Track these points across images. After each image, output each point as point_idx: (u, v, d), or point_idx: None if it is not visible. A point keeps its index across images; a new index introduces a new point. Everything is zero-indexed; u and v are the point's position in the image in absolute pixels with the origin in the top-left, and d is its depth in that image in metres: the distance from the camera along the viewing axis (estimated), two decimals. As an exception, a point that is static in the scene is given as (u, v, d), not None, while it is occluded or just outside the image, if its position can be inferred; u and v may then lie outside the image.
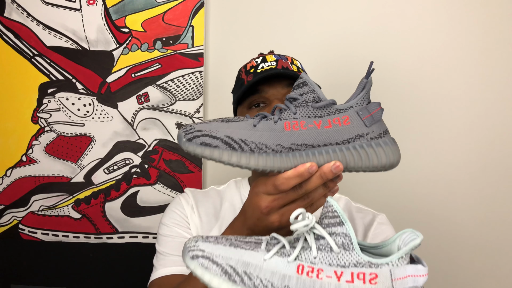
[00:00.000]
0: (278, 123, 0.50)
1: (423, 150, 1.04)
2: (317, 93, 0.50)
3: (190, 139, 0.48)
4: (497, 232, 1.03)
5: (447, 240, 1.05)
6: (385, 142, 0.50)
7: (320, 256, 0.42)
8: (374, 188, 1.06)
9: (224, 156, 0.47)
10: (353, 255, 0.42)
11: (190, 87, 1.07)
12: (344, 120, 0.49)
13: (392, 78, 1.04)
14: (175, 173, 1.09)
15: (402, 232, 0.43)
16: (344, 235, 0.42)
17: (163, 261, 0.72)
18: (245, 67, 0.74)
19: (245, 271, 0.43)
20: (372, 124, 0.50)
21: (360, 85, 0.51)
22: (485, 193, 1.03)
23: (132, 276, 1.11)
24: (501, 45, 1.01)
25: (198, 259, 0.44)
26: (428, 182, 1.05)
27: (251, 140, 0.48)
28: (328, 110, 0.49)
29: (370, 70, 0.51)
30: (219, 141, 0.48)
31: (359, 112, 0.50)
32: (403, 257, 0.41)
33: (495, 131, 1.02)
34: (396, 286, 0.40)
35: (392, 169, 0.51)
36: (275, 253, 0.44)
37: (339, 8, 1.05)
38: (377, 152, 0.49)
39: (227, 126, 0.49)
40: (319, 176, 0.48)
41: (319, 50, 1.05)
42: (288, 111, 0.50)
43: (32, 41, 1.08)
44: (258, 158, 0.48)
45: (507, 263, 1.03)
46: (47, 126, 1.10)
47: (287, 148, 0.48)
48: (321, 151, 0.49)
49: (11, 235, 1.12)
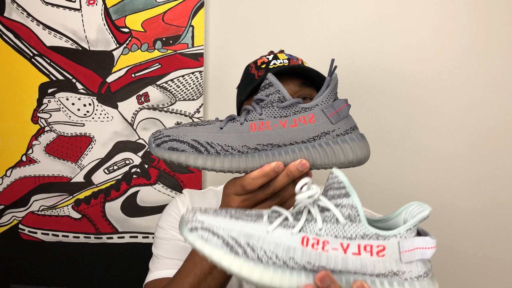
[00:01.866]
0: (244, 124, 0.50)
1: (423, 150, 1.04)
2: (282, 93, 0.50)
3: (159, 145, 0.49)
4: (498, 232, 1.03)
5: (447, 240, 1.05)
6: (352, 138, 0.50)
7: (326, 228, 0.41)
8: (373, 189, 1.06)
9: (190, 160, 0.49)
10: (359, 227, 0.40)
11: (190, 87, 1.07)
12: (309, 119, 0.50)
13: (393, 78, 1.04)
14: (175, 173, 1.09)
15: (408, 204, 0.42)
16: (351, 206, 0.41)
17: (157, 264, 0.72)
18: (255, 63, 0.74)
19: (248, 242, 0.41)
20: (338, 121, 0.50)
21: (325, 83, 0.51)
22: (486, 193, 1.03)
23: (132, 276, 1.11)
24: (502, 45, 1.01)
25: (197, 231, 0.42)
26: (428, 183, 1.05)
27: (217, 142, 0.49)
28: (294, 109, 0.50)
29: (332, 68, 0.51)
30: (186, 145, 0.49)
31: (324, 110, 0.50)
32: (411, 229, 0.40)
33: (496, 131, 1.02)
34: (404, 259, 0.40)
35: (361, 165, 0.51)
36: (279, 224, 0.42)
37: (340, 8, 1.05)
38: (343, 148, 0.49)
39: (194, 130, 0.50)
40: (286, 174, 0.48)
41: (319, 50, 1.05)
42: (254, 112, 0.51)
43: (32, 41, 1.08)
44: (224, 160, 0.48)
45: (508, 262, 1.03)
46: (47, 126, 1.10)
47: (253, 148, 0.49)
48: (287, 150, 0.49)
49: (11, 235, 1.12)
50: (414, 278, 0.40)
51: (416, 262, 0.40)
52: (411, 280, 0.40)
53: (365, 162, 0.51)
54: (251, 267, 0.40)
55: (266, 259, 0.40)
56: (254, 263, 0.40)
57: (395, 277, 0.40)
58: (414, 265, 0.40)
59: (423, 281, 0.40)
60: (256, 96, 0.52)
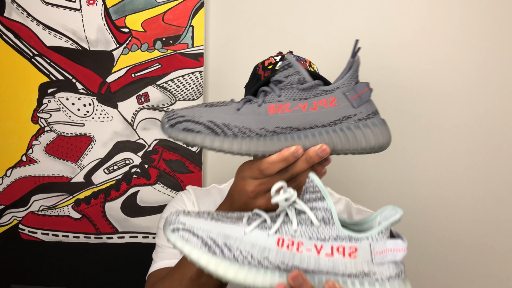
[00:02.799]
0: (262, 106, 0.48)
1: (423, 150, 1.04)
2: (303, 74, 0.48)
3: (173, 125, 0.47)
4: (499, 232, 1.03)
5: (448, 240, 1.05)
6: (374, 123, 0.48)
7: (301, 229, 0.43)
8: (374, 189, 1.06)
9: (206, 141, 0.47)
10: (333, 229, 0.42)
11: (190, 87, 1.07)
12: (330, 102, 0.48)
13: (393, 78, 1.04)
14: (175, 173, 1.09)
15: (383, 209, 0.44)
16: (325, 209, 0.42)
17: (161, 254, 0.73)
18: (263, 63, 0.74)
19: (226, 243, 0.43)
20: (360, 105, 0.48)
21: (347, 65, 0.49)
22: (487, 193, 1.03)
23: (132, 276, 1.11)
24: (502, 45, 1.01)
25: (178, 232, 0.44)
26: (429, 183, 1.05)
27: (234, 124, 0.47)
28: (314, 92, 0.48)
29: (355, 49, 0.49)
30: (202, 126, 0.47)
31: (346, 93, 0.48)
32: (383, 231, 0.41)
33: (496, 131, 1.02)
34: (375, 260, 0.41)
35: (381, 151, 0.49)
36: (256, 226, 0.44)
37: (340, 8, 1.05)
38: (365, 133, 0.48)
39: (210, 111, 0.48)
40: (305, 160, 0.47)
41: (319, 50, 1.05)
42: (272, 93, 0.49)
43: (32, 41, 1.08)
44: (241, 142, 0.47)
45: (508, 262, 1.03)
46: (47, 126, 1.10)
47: (271, 131, 0.47)
48: (306, 134, 0.47)
49: (11, 235, 1.12)
50: (385, 279, 0.41)
51: (388, 264, 0.41)
52: (382, 281, 0.41)
53: (386, 148, 0.49)
54: (226, 266, 0.42)
55: (241, 259, 0.42)
56: (230, 262, 0.42)
57: (366, 277, 0.41)
58: (385, 267, 0.41)
59: (393, 282, 0.41)
60: (274, 77, 0.50)
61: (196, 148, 1.08)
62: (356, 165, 1.06)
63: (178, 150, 1.09)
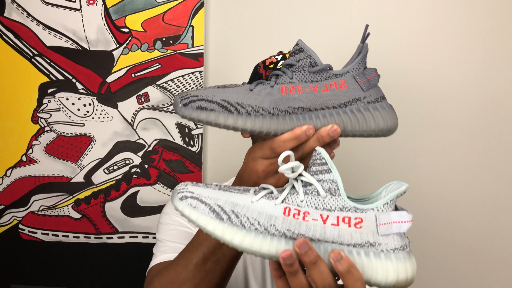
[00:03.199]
0: (275, 87, 0.50)
1: (424, 150, 1.04)
2: (314, 58, 0.50)
3: (186, 104, 0.48)
4: (500, 232, 1.03)
5: (449, 241, 1.05)
6: (382, 107, 0.50)
7: (307, 199, 0.43)
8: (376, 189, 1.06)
9: (220, 119, 0.47)
10: (339, 200, 0.42)
11: (190, 87, 1.07)
12: (340, 84, 0.49)
13: (393, 78, 1.04)
14: (175, 173, 1.09)
15: (388, 184, 0.45)
16: (331, 181, 0.43)
17: (162, 248, 0.73)
18: (264, 62, 0.74)
19: (233, 210, 0.44)
20: (369, 89, 0.50)
21: (357, 50, 0.51)
22: (488, 193, 1.03)
23: (132, 276, 1.11)
24: (503, 44, 1.01)
25: (187, 200, 0.45)
26: (430, 183, 1.05)
27: (247, 103, 0.48)
28: (325, 75, 0.50)
29: (365, 35, 0.50)
30: (215, 105, 0.48)
31: (355, 77, 0.49)
32: (388, 203, 0.42)
33: (497, 132, 1.02)
34: (380, 231, 0.41)
35: (390, 135, 0.51)
36: (263, 196, 0.45)
37: (340, 8, 1.05)
38: (374, 115, 0.49)
39: (223, 91, 0.49)
40: (316, 139, 0.48)
41: (319, 50, 1.05)
42: (284, 76, 0.50)
43: (32, 41, 1.08)
44: (255, 120, 0.48)
45: (508, 261, 1.03)
46: (47, 126, 1.10)
47: (283, 111, 0.49)
48: (318, 114, 0.49)
49: (11, 235, 1.12)
50: (390, 250, 0.41)
51: (393, 236, 0.42)
52: (387, 252, 0.41)
53: (393, 132, 0.51)
54: (234, 231, 0.43)
55: (248, 225, 0.43)
56: (237, 228, 0.43)
57: (371, 247, 0.42)
58: (390, 238, 0.42)
59: (399, 254, 0.42)
60: (286, 61, 0.51)
61: (196, 148, 1.08)
62: (357, 165, 1.07)
63: (178, 150, 1.09)
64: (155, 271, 0.69)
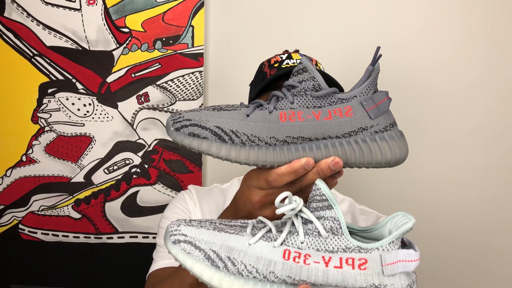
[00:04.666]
0: (273, 113, 0.46)
1: (425, 151, 1.04)
2: (318, 80, 0.45)
3: (178, 129, 0.45)
4: (501, 232, 1.03)
5: (450, 241, 1.05)
6: (391, 136, 0.46)
7: (308, 241, 0.41)
8: (378, 190, 1.06)
9: (212, 149, 0.44)
10: (342, 239, 0.40)
11: (190, 87, 1.07)
12: (346, 111, 0.45)
13: (393, 78, 1.04)
14: (175, 173, 1.09)
15: (393, 215, 0.42)
16: (333, 219, 0.40)
17: (162, 254, 0.73)
18: (269, 61, 0.73)
19: (229, 256, 0.41)
20: (378, 116, 0.45)
21: (366, 72, 0.46)
22: (489, 193, 1.03)
23: (132, 276, 1.11)
24: (504, 44, 1.01)
25: (180, 244, 0.42)
26: (431, 183, 1.05)
27: (242, 131, 0.45)
28: (329, 100, 0.45)
29: (376, 57, 0.46)
30: (208, 132, 0.45)
31: (363, 103, 0.45)
32: (394, 241, 0.39)
33: (498, 132, 1.02)
34: (386, 272, 0.39)
35: (397, 165, 0.47)
36: (261, 237, 0.42)
37: (340, 8, 1.05)
38: (381, 146, 0.45)
39: (218, 115, 0.46)
40: (316, 172, 0.45)
41: (320, 50, 1.05)
42: (285, 99, 0.46)
43: (32, 41, 1.08)
44: (249, 151, 0.45)
45: (508, 262, 1.03)
46: (47, 126, 1.10)
47: (281, 141, 0.45)
48: (319, 145, 0.45)
49: (11, 235, 1.12)
50: None
51: (400, 275, 0.39)
52: None
53: (402, 162, 0.47)
54: (231, 280, 0.40)
55: (246, 273, 0.40)
56: (234, 277, 0.40)
57: None
58: (397, 278, 0.39)
59: None
60: (288, 82, 0.47)
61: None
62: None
63: (178, 150, 1.09)
64: (154, 278, 0.69)
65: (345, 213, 0.78)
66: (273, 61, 0.72)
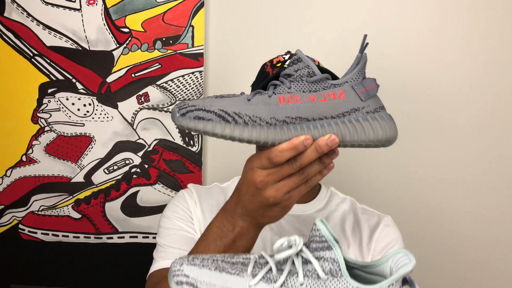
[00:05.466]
0: (273, 97, 0.50)
1: (425, 150, 1.04)
2: (312, 68, 0.50)
3: (184, 114, 0.48)
4: (501, 232, 1.03)
5: (450, 241, 1.05)
6: (381, 117, 0.50)
7: (307, 282, 0.41)
8: (378, 190, 1.06)
9: (217, 129, 0.47)
10: (341, 281, 0.40)
11: (190, 87, 1.07)
12: (339, 94, 0.49)
13: (393, 79, 1.04)
14: (175, 173, 1.09)
15: (395, 252, 0.42)
16: (333, 260, 0.40)
17: (163, 254, 0.72)
18: (271, 61, 0.74)
19: None
20: (368, 99, 0.50)
21: (355, 60, 0.51)
22: (489, 193, 1.03)
23: (132, 276, 1.11)
24: (504, 44, 1.01)
25: (182, 286, 0.43)
26: (432, 183, 1.05)
27: (245, 113, 0.48)
28: (323, 85, 0.50)
29: (364, 45, 0.50)
30: (213, 115, 0.48)
31: (354, 87, 0.50)
32: (393, 284, 0.39)
33: (497, 132, 1.02)
34: None
35: (388, 146, 0.50)
36: (261, 278, 0.42)
37: (341, 8, 1.05)
38: (373, 125, 0.49)
39: (221, 101, 0.49)
40: (314, 149, 0.48)
41: (320, 50, 1.05)
42: (282, 86, 0.50)
43: (32, 41, 1.08)
44: (252, 130, 0.48)
45: (508, 262, 1.03)
46: (47, 126, 1.10)
47: (281, 121, 0.48)
48: (316, 124, 0.49)
49: (11, 235, 1.12)
50: None
51: None
52: None
53: (393, 142, 0.51)
54: None
55: None
56: None
57: None
58: None
59: None
60: (284, 71, 0.51)
61: (196, 148, 1.08)
62: (359, 165, 1.06)
63: (178, 150, 1.09)
64: (155, 278, 0.68)
65: (347, 213, 0.78)
66: (276, 61, 0.73)
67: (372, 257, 0.72)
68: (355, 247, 0.73)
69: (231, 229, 0.54)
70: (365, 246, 0.73)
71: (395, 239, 0.74)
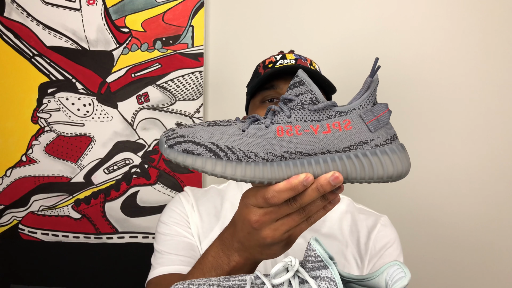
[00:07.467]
0: (270, 127, 0.44)
1: (425, 150, 1.04)
2: (315, 93, 0.44)
3: (172, 146, 0.44)
4: (500, 233, 1.03)
5: (450, 241, 1.05)
6: (392, 150, 0.44)
7: None
8: (376, 189, 1.06)
9: (207, 166, 0.43)
10: None
11: (190, 87, 1.07)
12: (345, 125, 0.44)
13: (393, 79, 1.04)
14: (175, 173, 1.09)
15: (390, 264, 0.41)
16: (329, 279, 0.39)
17: (161, 260, 0.71)
18: (264, 62, 0.74)
19: None
20: (378, 129, 0.44)
21: (365, 84, 0.45)
22: (488, 193, 1.03)
23: (132, 276, 1.11)
24: (504, 44, 1.01)
25: None
26: (430, 183, 1.05)
27: (238, 147, 0.43)
28: (327, 113, 0.44)
29: (375, 68, 0.45)
30: (203, 148, 0.43)
31: (362, 115, 0.44)
32: None
33: (497, 132, 1.02)
34: None
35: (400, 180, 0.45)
36: None
37: (341, 8, 1.05)
38: (382, 160, 0.44)
39: (213, 131, 0.45)
40: (316, 188, 0.43)
41: (320, 50, 1.05)
42: (281, 114, 0.45)
43: (32, 41, 1.08)
44: (246, 167, 0.43)
45: (508, 263, 1.03)
46: (47, 126, 1.10)
47: (279, 156, 0.43)
48: (318, 160, 0.43)
49: (11, 235, 1.12)
50: None
51: None
52: None
53: (404, 177, 0.45)
54: None
55: None
56: None
57: None
58: None
59: None
60: (284, 96, 0.45)
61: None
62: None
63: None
64: (153, 286, 0.68)
65: (344, 213, 0.78)
66: (268, 62, 0.73)
67: (370, 256, 0.73)
68: (353, 246, 0.73)
69: (226, 262, 0.51)
70: (363, 245, 0.74)
71: (393, 239, 0.74)
